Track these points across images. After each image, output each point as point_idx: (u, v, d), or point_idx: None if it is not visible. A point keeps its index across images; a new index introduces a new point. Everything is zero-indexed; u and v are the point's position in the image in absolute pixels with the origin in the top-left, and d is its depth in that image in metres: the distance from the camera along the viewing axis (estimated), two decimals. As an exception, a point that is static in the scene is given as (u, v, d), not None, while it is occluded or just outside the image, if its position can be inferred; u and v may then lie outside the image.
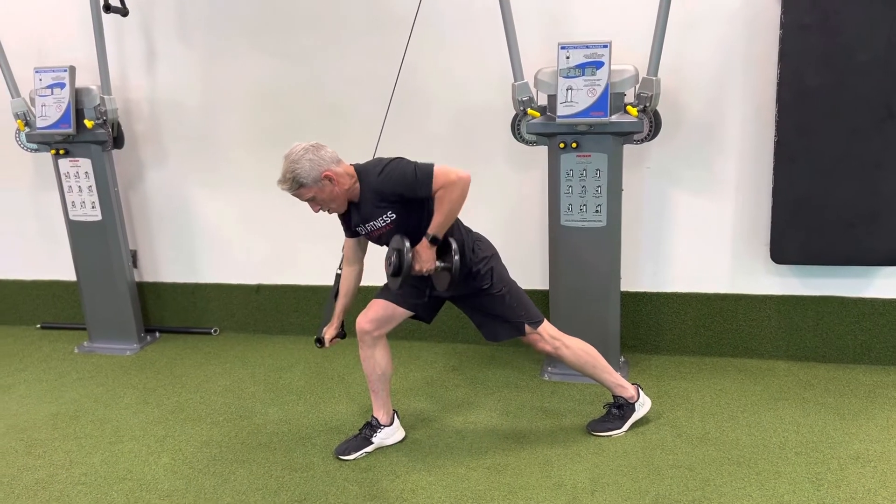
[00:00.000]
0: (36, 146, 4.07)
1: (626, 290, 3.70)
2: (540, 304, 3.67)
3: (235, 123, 4.09)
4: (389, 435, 3.04)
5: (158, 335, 4.44)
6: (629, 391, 3.03)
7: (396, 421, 3.08)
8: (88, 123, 3.85)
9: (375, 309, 2.89)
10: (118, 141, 4.01)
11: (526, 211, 3.76)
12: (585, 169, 3.29)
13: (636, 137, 3.29)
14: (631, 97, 3.23)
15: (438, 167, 2.55)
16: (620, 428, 3.01)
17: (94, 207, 4.05)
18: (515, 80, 3.28)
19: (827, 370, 3.51)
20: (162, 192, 4.30)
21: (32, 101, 3.92)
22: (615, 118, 3.19)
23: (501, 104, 3.52)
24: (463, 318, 3.13)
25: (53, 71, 3.84)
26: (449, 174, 2.53)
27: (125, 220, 4.30)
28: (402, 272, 2.60)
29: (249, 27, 3.91)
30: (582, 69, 3.14)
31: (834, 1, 3.06)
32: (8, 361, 4.21)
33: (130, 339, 4.27)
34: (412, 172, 2.55)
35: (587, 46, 3.13)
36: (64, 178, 4.04)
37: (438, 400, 3.45)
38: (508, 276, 2.89)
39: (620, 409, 3.02)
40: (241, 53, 3.96)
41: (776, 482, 2.66)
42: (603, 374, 2.99)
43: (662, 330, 3.75)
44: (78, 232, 4.14)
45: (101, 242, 4.11)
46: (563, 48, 3.17)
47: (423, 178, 2.54)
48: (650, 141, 3.32)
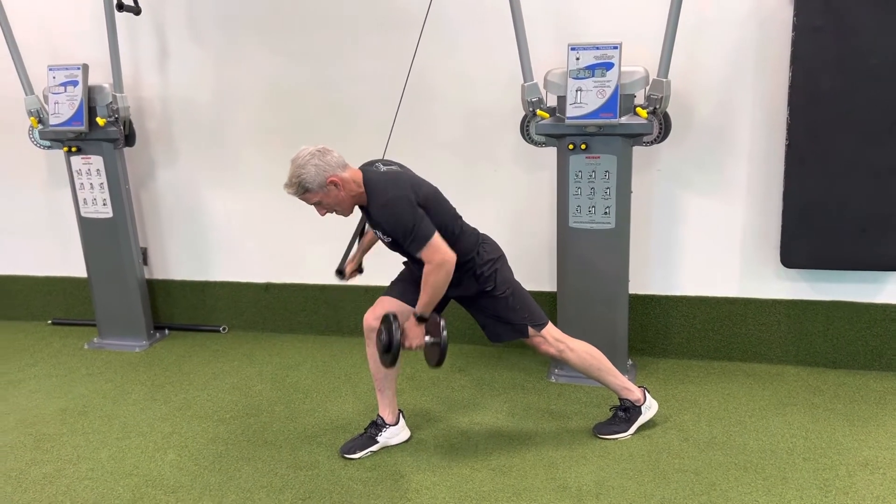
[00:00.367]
0: (49, 143, 4.11)
1: (634, 292, 3.68)
2: (548, 305, 3.68)
3: (246, 122, 4.11)
4: (395, 434, 3.04)
5: (168, 332, 4.46)
6: (635, 394, 3.01)
7: (402, 420, 3.08)
8: (100, 121, 3.88)
9: (383, 306, 2.89)
10: (130, 139, 4.04)
11: (535, 212, 3.75)
12: (594, 171, 3.28)
13: (646, 139, 3.27)
14: (641, 99, 3.22)
15: (434, 240, 2.55)
16: (626, 431, 3.00)
17: (105, 205, 4.08)
18: (525, 80, 3.28)
19: (837, 376, 3.48)
20: (173, 190, 4.33)
21: (46, 98, 3.96)
22: (625, 120, 3.18)
23: (511, 105, 3.51)
24: (470, 319, 3.11)
25: (67, 69, 3.87)
26: (436, 255, 2.56)
27: (136, 217, 4.33)
28: (392, 348, 2.65)
29: (261, 27, 3.93)
30: (592, 70, 3.13)
31: (847, 3, 3.04)
32: (19, 357, 4.25)
33: (140, 335, 4.29)
34: (410, 228, 2.54)
35: (597, 48, 3.13)
36: (76, 175, 4.08)
37: (444, 400, 3.44)
38: (513, 278, 2.88)
39: (626, 411, 3.01)
40: (252, 53, 3.98)
41: (783, 488, 2.63)
42: (608, 377, 2.97)
43: (671, 333, 3.73)
44: (89, 229, 4.17)
45: (111, 239, 4.14)
46: (573, 49, 3.16)
47: (418, 240, 2.55)
48: (660, 143, 3.30)
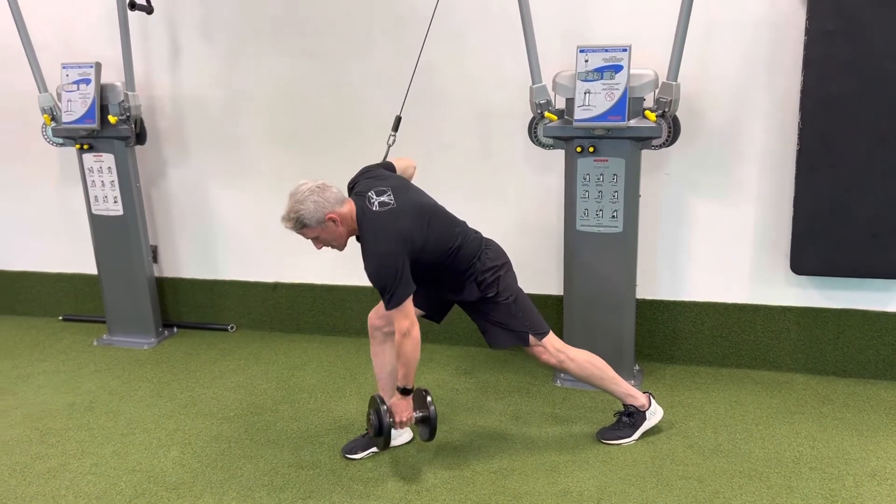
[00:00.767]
0: (62, 141, 4.14)
1: (642, 297, 3.65)
2: (554, 309, 3.67)
3: (256, 122, 4.12)
4: (397, 436, 3.03)
5: (176, 330, 4.48)
6: (640, 400, 2.98)
7: None
8: (112, 119, 3.90)
9: (379, 308, 2.89)
10: (141, 137, 4.06)
11: (542, 215, 3.73)
12: (602, 174, 3.26)
13: (654, 143, 3.25)
14: (650, 102, 3.19)
15: (405, 307, 2.56)
16: (630, 436, 2.97)
17: (115, 202, 4.11)
18: (533, 82, 3.26)
19: (847, 385, 3.42)
20: (183, 188, 4.35)
21: (59, 96, 3.99)
22: (633, 123, 3.16)
23: (520, 107, 3.50)
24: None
25: (80, 67, 3.90)
26: (403, 321, 2.57)
27: (147, 215, 4.36)
28: (383, 430, 2.70)
29: (272, 27, 3.94)
30: (600, 73, 3.11)
31: (860, 7, 3.00)
32: (29, 352, 4.28)
33: (148, 333, 4.31)
34: (389, 288, 2.53)
35: (606, 50, 3.11)
36: (87, 172, 4.11)
37: (449, 403, 3.43)
38: (517, 285, 2.86)
39: (631, 416, 2.98)
40: (263, 53, 4.00)
41: (788, 497, 2.60)
42: (611, 385, 2.95)
43: (679, 339, 3.70)
44: (100, 226, 4.20)
45: (121, 237, 4.17)
46: (581, 51, 3.14)
47: (392, 301, 2.55)
48: (669, 147, 3.27)
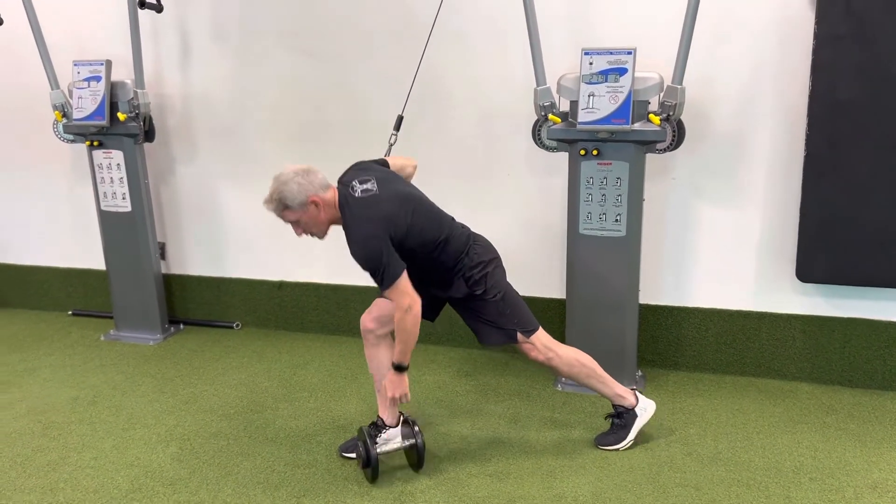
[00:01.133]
0: (72, 137, 4.18)
1: (646, 302, 3.62)
2: (557, 312, 3.64)
3: (263, 121, 4.14)
4: (394, 437, 3.02)
5: (182, 327, 4.51)
6: (629, 399, 2.96)
7: (400, 426, 3.05)
8: (121, 116, 3.94)
9: (379, 307, 2.88)
10: (149, 134, 4.09)
11: (546, 217, 3.71)
12: (606, 177, 3.24)
13: (659, 147, 3.22)
14: (655, 105, 3.16)
15: (400, 283, 2.55)
16: (626, 438, 2.95)
17: (124, 199, 4.14)
18: (538, 84, 3.25)
19: (852, 395, 3.37)
20: (191, 186, 4.38)
21: (70, 93, 4.03)
22: (638, 126, 3.13)
23: (525, 109, 3.48)
24: (479, 323, 3.12)
25: (91, 64, 3.94)
26: (402, 298, 2.56)
27: (156, 212, 4.40)
28: (371, 462, 2.73)
29: (280, 28, 3.96)
30: (605, 75, 3.09)
31: (870, 11, 2.96)
32: (37, 345, 4.33)
33: (154, 329, 4.34)
34: (378, 269, 2.54)
35: (611, 53, 3.08)
36: (97, 169, 4.15)
37: (448, 405, 3.42)
38: (506, 282, 2.84)
39: (621, 417, 2.96)
40: (271, 53, 4.02)
41: (786, 507, 2.56)
42: (599, 384, 2.93)
43: (682, 345, 3.66)
44: (108, 222, 4.24)
45: (129, 233, 4.21)
46: (586, 54, 3.12)
47: (385, 281, 2.55)
48: (673, 151, 3.24)
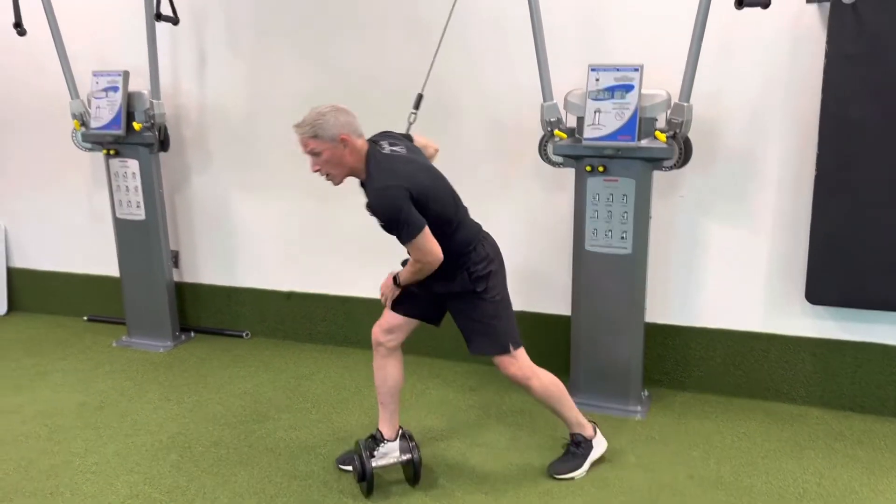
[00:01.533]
0: (90, 146, 4.26)
1: (653, 321, 3.58)
2: (562, 328, 3.62)
3: (277, 132, 4.17)
4: (392, 450, 3.01)
5: (193, 335, 4.55)
6: (588, 430, 2.94)
7: (398, 441, 3.00)
8: (137, 126, 4.01)
9: (387, 318, 2.89)
10: (164, 144, 4.16)
11: (553, 232, 3.69)
12: (612, 194, 3.21)
13: (665, 164, 3.18)
14: (663, 122, 3.14)
15: (421, 238, 2.54)
16: (581, 467, 2.90)
17: (138, 207, 4.21)
18: (545, 100, 3.24)
19: (863, 421, 3.29)
20: (206, 195, 4.43)
21: (89, 102, 4.11)
22: (644, 143, 3.11)
23: (533, 123, 3.47)
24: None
25: (109, 75, 4.03)
26: (420, 254, 2.58)
27: (170, 221, 4.46)
28: (367, 476, 2.73)
29: (295, 39, 4.00)
30: (611, 92, 3.08)
31: (881, 31, 2.91)
32: (52, 350, 4.40)
33: (165, 336, 4.39)
34: (399, 221, 2.52)
35: (617, 69, 3.07)
36: (113, 177, 4.22)
37: (450, 419, 3.40)
38: (506, 289, 2.80)
39: (579, 446, 2.92)
40: (285, 65, 4.06)
41: (785, 535, 2.50)
42: (567, 410, 2.90)
43: (690, 366, 3.60)
44: (123, 230, 4.30)
45: (143, 241, 4.27)
46: (593, 70, 3.11)
47: (405, 234, 2.54)
48: (680, 168, 3.21)
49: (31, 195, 4.89)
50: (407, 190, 2.53)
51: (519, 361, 2.78)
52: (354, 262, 4.18)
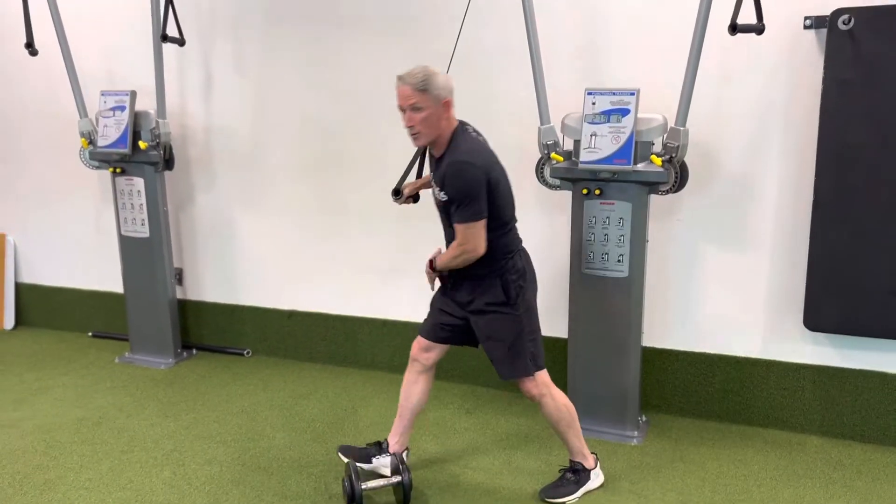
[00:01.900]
0: (97, 164, 4.33)
1: (652, 345, 3.56)
2: (559, 351, 3.59)
3: (281, 154, 4.23)
4: (387, 464, 3.02)
5: (195, 352, 4.57)
6: (589, 461, 2.91)
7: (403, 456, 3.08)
8: (143, 145, 4.06)
9: (419, 342, 2.96)
10: (169, 163, 4.21)
11: (551, 254, 3.67)
12: (609, 217, 3.21)
13: (661, 188, 3.18)
14: (660, 146, 3.14)
15: (477, 225, 2.57)
16: (574, 494, 2.87)
17: (143, 225, 4.25)
18: (542, 123, 3.26)
19: (863, 451, 3.23)
20: (210, 214, 4.47)
21: (97, 121, 4.18)
22: (640, 167, 3.11)
23: (532, 145, 3.48)
24: (485, 358, 3.09)
25: (117, 94, 4.09)
26: (473, 242, 2.59)
27: (175, 238, 4.51)
28: (356, 498, 2.75)
29: (298, 62, 4.06)
30: (607, 116, 3.09)
31: (879, 57, 2.90)
32: (54, 365, 4.43)
33: (167, 353, 4.41)
34: (466, 199, 2.55)
35: (614, 93, 3.08)
36: (119, 195, 4.27)
37: (445, 441, 3.39)
38: (534, 311, 2.79)
39: (576, 473, 2.89)
40: (290, 87, 4.11)
41: (777, 566, 2.46)
42: (574, 437, 2.88)
43: (688, 391, 3.57)
44: (127, 247, 4.35)
45: (147, 258, 4.31)
46: (589, 94, 3.13)
47: (465, 214, 2.56)
48: (676, 193, 3.20)
49: (40, 211, 4.96)
50: (486, 175, 2.57)
51: (537, 379, 2.79)
52: (355, 282, 4.20)
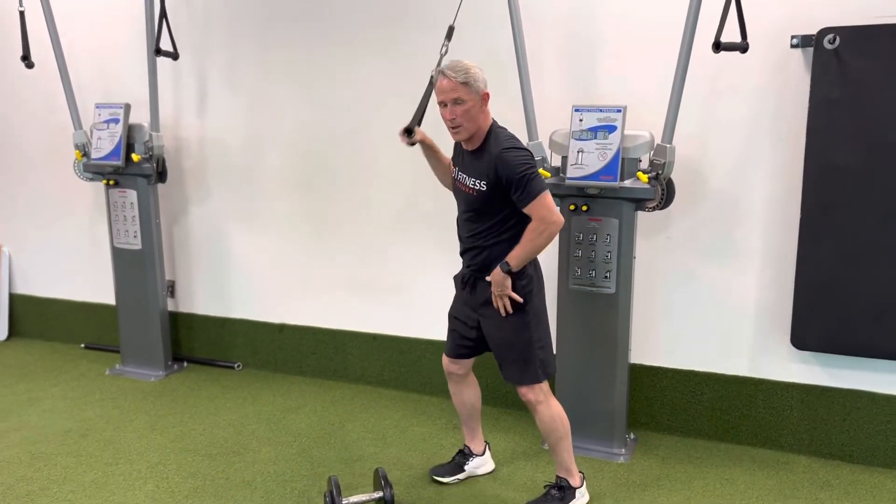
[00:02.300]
0: (91, 175, 4.35)
1: (640, 362, 3.55)
2: (546, 368, 3.57)
3: (274, 166, 4.24)
4: (482, 464, 3.19)
5: (186, 365, 4.57)
6: (576, 479, 2.89)
7: (488, 453, 3.23)
8: (135, 157, 4.09)
9: (445, 361, 3.09)
10: (162, 176, 4.23)
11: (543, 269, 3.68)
12: (595, 233, 3.21)
13: (648, 205, 3.18)
14: (646, 163, 3.14)
15: (547, 196, 2.57)
16: None
17: (135, 237, 4.27)
18: (530, 139, 3.27)
19: (851, 471, 3.21)
20: (203, 226, 4.49)
21: (91, 133, 4.21)
22: (627, 183, 3.11)
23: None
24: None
25: (111, 107, 4.12)
26: (550, 213, 2.57)
27: (168, 251, 4.52)
28: None
29: (293, 74, 4.08)
30: (594, 132, 3.10)
31: (866, 76, 2.91)
32: (45, 376, 4.43)
33: (157, 366, 4.41)
34: (527, 176, 2.55)
35: (601, 110, 3.09)
36: (112, 207, 4.29)
37: (430, 457, 3.37)
38: (545, 314, 2.81)
39: (561, 490, 2.87)
40: (283, 101, 4.13)
41: (759, 587, 2.43)
42: (563, 451, 2.86)
43: (677, 409, 3.55)
44: (120, 259, 4.36)
45: (139, 270, 4.32)
46: (576, 110, 3.14)
47: (530, 191, 2.55)
48: (662, 209, 3.20)
49: (35, 222, 4.98)
50: (533, 158, 2.63)
51: (536, 387, 2.79)
52: (346, 296, 4.20)
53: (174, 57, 4.06)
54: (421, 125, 2.94)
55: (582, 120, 3.12)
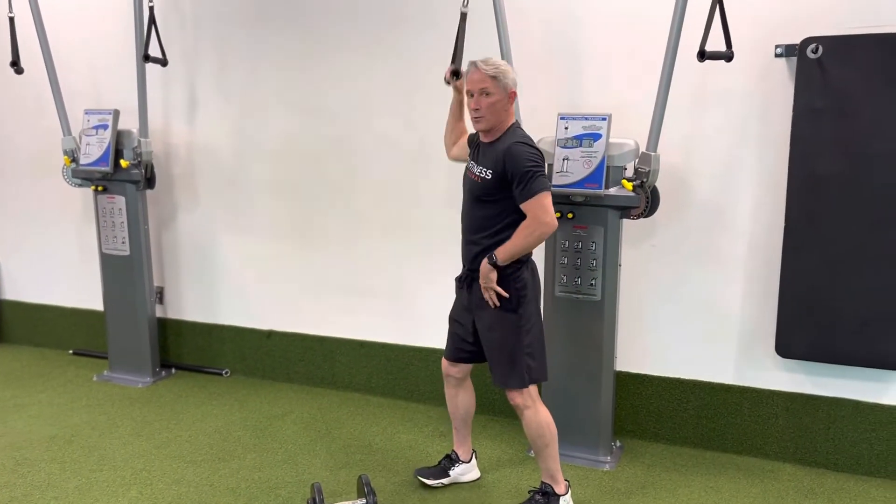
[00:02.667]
0: (79, 181, 4.34)
1: (626, 370, 3.55)
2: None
3: (262, 173, 4.25)
4: (467, 471, 3.19)
5: (174, 371, 4.56)
6: (561, 487, 2.89)
7: (474, 460, 3.23)
8: (124, 163, 4.09)
9: (444, 364, 3.11)
10: (151, 182, 4.23)
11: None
12: (581, 241, 3.22)
13: (633, 213, 3.19)
14: (631, 171, 3.15)
15: (546, 197, 2.61)
16: None
17: (123, 243, 4.26)
18: (515, 147, 3.27)
19: (836, 480, 3.21)
20: (192, 232, 4.48)
21: (80, 139, 4.21)
22: (612, 191, 3.12)
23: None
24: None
25: (99, 113, 4.13)
26: (545, 214, 2.61)
27: (157, 257, 4.51)
28: None
29: (283, 81, 4.09)
30: (579, 140, 3.11)
31: (849, 86, 2.93)
32: (33, 382, 4.42)
33: (145, 372, 4.40)
34: (530, 173, 2.60)
35: (586, 118, 3.11)
36: (101, 213, 4.29)
37: (416, 464, 3.36)
38: (539, 320, 2.83)
39: (545, 496, 2.87)
40: (273, 108, 4.14)
41: None
42: (549, 458, 2.86)
43: (663, 417, 3.55)
44: (108, 265, 4.36)
45: (126, 277, 4.31)
46: (562, 118, 3.15)
47: (531, 188, 2.61)
48: (647, 217, 3.21)
49: (24, 228, 4.97)
50: (543, 160, 2.67)
51: (524, 392, 2.81)
52: (334, 302, 4.19)
53: (163, 63, 4.07)
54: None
55: (567, 128, 3.13)
